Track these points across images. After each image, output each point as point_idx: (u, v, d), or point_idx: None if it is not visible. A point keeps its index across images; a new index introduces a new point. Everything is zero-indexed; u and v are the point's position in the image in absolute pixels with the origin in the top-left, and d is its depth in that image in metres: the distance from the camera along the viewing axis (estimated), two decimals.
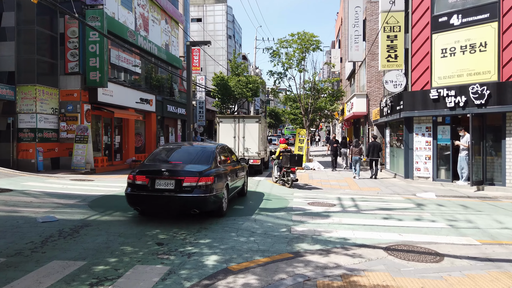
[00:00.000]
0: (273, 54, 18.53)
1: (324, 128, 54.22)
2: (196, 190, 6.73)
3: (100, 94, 16.48)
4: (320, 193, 11.32)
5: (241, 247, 5.61)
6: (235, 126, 15.75)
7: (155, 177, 6.83)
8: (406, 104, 13.33)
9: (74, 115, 15.81)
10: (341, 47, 36.22)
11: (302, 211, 8.45)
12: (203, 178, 6.80)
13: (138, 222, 7.05)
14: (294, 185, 12.43)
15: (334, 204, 9.35)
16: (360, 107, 21.84)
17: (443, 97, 12.40)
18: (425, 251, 5.64)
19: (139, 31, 20.57)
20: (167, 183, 6.78)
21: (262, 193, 11.01)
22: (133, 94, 19.51)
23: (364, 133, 22.25)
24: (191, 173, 6.85)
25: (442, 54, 12.66)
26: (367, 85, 21.93)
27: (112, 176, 14.78)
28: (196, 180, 6.74)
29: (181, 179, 6.75)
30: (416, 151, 13.47)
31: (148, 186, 6.82)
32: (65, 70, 15.88)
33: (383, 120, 16.70)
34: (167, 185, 6.78)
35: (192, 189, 6.72)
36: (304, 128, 19.01)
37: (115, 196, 9.92)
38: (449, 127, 12.81)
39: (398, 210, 8.81)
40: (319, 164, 18.38)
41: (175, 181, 6.75)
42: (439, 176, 13.11)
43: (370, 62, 21.85)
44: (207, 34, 46.09)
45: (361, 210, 8.75)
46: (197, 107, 30.39)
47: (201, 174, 6.85)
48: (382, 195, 11.16)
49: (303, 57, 17.99)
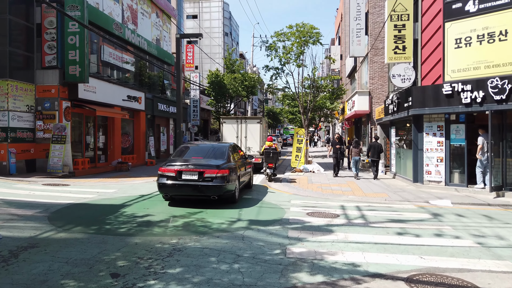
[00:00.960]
0: (269, 48, 17.22)
1: (323, 128, 52.97)
2: (215, 180, 8.32)
3: (81, 91, 15.16)
4: (321, 200, 10.02)
5: (221, 279, 4.30)
6: (238, 126, 16.56)
7: (181, 170, 8.47)
8: (415, 100, 12.05)
9: (51, 113, 14.48)
10: (341, 44, 34.98)
11: (300, 223, 7.16)
12: (220, 171, 8.40)
13: (98, 241, 5.73)
14: (274, 179, 13.83)
15: (337, 215, 8.05)
16: (362, 105, 20.56)
17: (457, 92, 11.12)
18: (460, 284, 4.35)
19: (126, 24, 19.25)
20: (191, 174, 8.41)
21: (256, 200, 9.71)
22: (120, 91, 18.19)
23: (366, 133, 20.96)
24: (211, 166, 8.48)
25: (456, 45, 11.38)
26: (370, 82, 20.65)
27: (92, 180, 13.46)
28: (215, 172, 8.33)
29: (203, 171, 8.36)
30: (426, 152, 12.19)
31: (176, 176, 8.42)
32: (42, 64, 14.55)
33: (388, 119, 15.42)
34: (191, 176, 8.41)
35: (212, 179, 8.31)
36: (302, 128, 17.70)
37: (85, 205, 8.60)
38: (464, 125, 11.53)
39: (412, 223, 7.52)
40: (319, 166, 17.10)
41: (198, 173, 8.37)
42: (452, 180, 11.82)
43: (372, 57, 20.56)
44: (203, 31, 44.78)
45: (370, 222, 7.45)
46: (191, 106, 29.08)
47: (219, 167, 8.47)
48: (391, 203, 9.87)
49: (302, 51, 16.70)
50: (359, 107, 20.62)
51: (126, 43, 18.91)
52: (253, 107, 67.16)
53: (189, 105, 29.21)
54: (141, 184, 12.47)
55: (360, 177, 14.90)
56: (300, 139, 17.51)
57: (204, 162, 8.77)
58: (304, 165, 16.84)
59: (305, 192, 11.37)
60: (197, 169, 8.43)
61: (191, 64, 29.27)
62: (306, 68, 17.28)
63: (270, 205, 9.09)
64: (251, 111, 65.05)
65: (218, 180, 8.34)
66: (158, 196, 9.98)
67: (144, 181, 13.35)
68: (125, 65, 19.77)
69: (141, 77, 21.71)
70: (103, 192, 10.55)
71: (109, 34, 17.36)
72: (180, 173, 8.44)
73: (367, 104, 20.58)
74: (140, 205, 8.79)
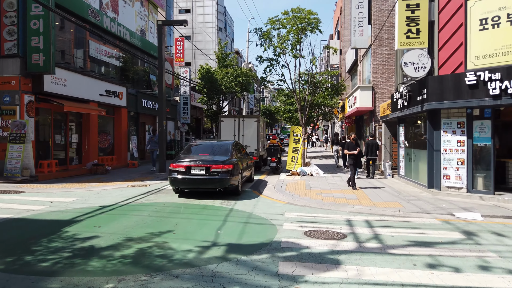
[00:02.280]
0: (263, 37, 15.38)
1: (321, 127, 51.15)
2: (220, 174, 9.19)
3: (48, 83, 13.29)
4: (322, 212, 8.22)
5: None
6: (235, 125, 16.65)
7: (190, 165, 9.34)
8: (431, 92, 10.26)
9: (11, 108, 12.60)
10: (341, 38, 33.24)
11: (295, 250, 5.35)
12: (225, 166, 9.29)
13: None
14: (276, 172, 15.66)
15: (344, 235, 6.24)
16: (365, 101, 18.78)
17: (483, 82, 9.34)
18: None
19: (105, 11, 17.38)
20: (199, 169, 9.27)
21: (243, 212, 7.90)
22: (96, 84, 16.32)
23: (370, 132, 19.18)
24: (216, 162, 9.37)
25: (481, 26, 9.61)
26: (373, 76, 18.88)
27: (55, 185, 11.60)
28: (220, 167, 9.22)
29: (209, 166, 9.24)
30: (444, 153, 10.42)
31: (186, 171, 9.29)
32: (0, 52, 12.67)
33: (395, 116, 13.64)
34: (199, 171, 9.27)
35: (217, 173, 9.18)
36: (299, 126, 15.89)
37: (22, 222, 6.76)
38: (490, 122, 9.76)
39: (443, 247, 5.72)
40: (318, 168, 15.29)
41: (205, 168, 9.24)
42: (475, 186, 10.05)
43: (376, 48, 18.80)
44: (196, 26, 42.93)
45: (387, 247, 5.65)
46: (180, 103, 27.20)
47: (224, 162, 9.37)
48: (406, 215, 8.07)
49: (298, 39, 14.86)
50: (362, 103, 18.84)
51: (104, 32, 17.05)
52: (249, 106, 65.46)
53: (179, 102, 27.34)
54: (110, 191, 10.63)
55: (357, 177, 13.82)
56: (296, 139, 15.70)
57: (210, 158, 9.74)
58: (301, 168, 15.04)
59: (302, 201, 9.56)
60: (204, 165, 9.37)
61: (181, 59, 27.41)
62: (303, 59, 15.47)
63: (258, 220, 7.27)
64: (247, 110, 63.24)
65: (223, 174, 9.28)
66: (122, 207, 8.16)
67: (115, 187, 11.51)
68: (103, 57, 17.91)
69: (123, 71, 19.84)
70: (57, 202, 8.70)
71: (84, 21, 15.51)
72: (189, 168, 9.38)
73: (370, 100, 18.80)
74: (93, 221, 6.95)
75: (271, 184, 12.70)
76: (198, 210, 8.06)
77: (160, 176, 14.40)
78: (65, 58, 14.93)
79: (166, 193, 10.39)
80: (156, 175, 14.69)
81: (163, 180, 13.23)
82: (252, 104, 65.26)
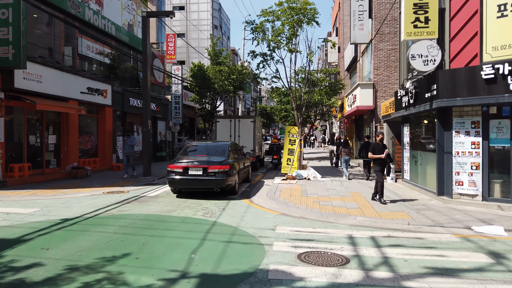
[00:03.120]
0: (255, 30, 14.23)
1: (319, 128, 50.03)
2: (217, 175, 9.49)
3: (19, 79, 12.10)
4: (319, 225, 7.09)
5: None
6: (231, 125, 16.54)
7: (188, 166, 9.65)
8: (442, 88, 9.15)
9: None
10: (339, 35, 32.17)
11: (286, 284, 4.21)
12: (222, 166, 9.58)
13: None
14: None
15: (346, 259, 5.11)
16: (366, 100, 17.69)
17: (502, 76, 8.24)
18: None
19: (87, 3, 16.19)
20: (197, 169, 9.60)
21: (227, 227, 6.76)
22: (77, 81, 15.14)
23: (370, 132, 18.08)
24: (213, 163, 9.67)
25: (500, 13, 8.50)
26: (374, 73, 17.79)
27: (25, 192, 10.42)
28: (217, 168, 9.52)
29: (206, 167, 9.55)
30: (456, 156, 9.31)
31: (183, 172, 9.60)
32: None
33: (399, 115, 12.53)
34: (197, 171, 9.59)
35: (214, 174, 9.49)
36: (296, 126, 14.75)
37: None
38: (509, 121, 8.65)
39: (469, 275, 4.59)
40: (316, 172, 14.15)
41: (203, 168, 9.56)
42: (492, 194, 8.94)
43: (378, 44, 17.71)
44: (190, 23, 41.77)
45: (401, 276, 4.52)
46: (172, 102, 26.01)
47: (221, 163, 9.66)
48: (417, 229, 6.95)
49: (294, 32, 13.71)
50: (362, 102, 17.75)
51: (86, 25, 15.89)
52: (246, 106, 64.26)
53: (170, 101, 26.16)
54: (81, 199, 9.45)
55: (352, 178, 14.21)
56: (292, 139, 14.57)
57: (207, 159, 9.90)
58: (297, 171, 13.90)
59: (297, 211, 8.42)
60: (201, 165, 9.57)
61: (172, 56, 26.20)
62: (300, 54, 14.33)
63: (244, 238, 6.13)
64: (244, 110, 62.02)
65: (220, 174, 9.46)
66: (86, 221, 7.01)
67: (90, 194, 10.34)
68: (87, 52, 16.73)
69: (109, 67, 18.66)
70: (14, 214, 7.54)
71: (63, 13, 14.34)
72: (187, 169, 9.58)
73: (371, 99, 17.71)
74: (44, 240, 5.78)
75: (265, 189, 11.57)
76: (175, 225, 6.91)
77: (144, 181, 13.24)
78: (40, 53, 13.74)
79: (144, 202, 9.23)
80: (139, 180, 13.52)
81: (146, 186, 12.08)
82: (249, 104, 64.16)
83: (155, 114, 23.08)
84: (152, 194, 10.42)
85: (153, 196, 10.18)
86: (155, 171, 16.21)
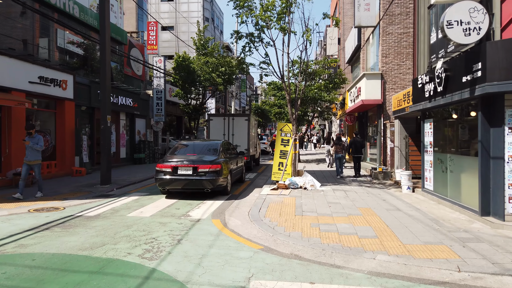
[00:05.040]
0: (240, 5, 11.53)
1: (317, 127, 47.34)
2: (208, 174, 9.12)
3: None
4: (319, 275, 4.44)
5: None
6: (225, 123, 16.05)
7: (177, 166, 9.25)
8: (491, 67, 6.52)
9: None
10: (339, 26, 29.52)
11: None
12: (213, 166, 9.21)
13: None
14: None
15: None
16: (372, 93, 15.06)
17: None
18: None
19: None
20: (186, 169, 9.19)
21: (169, 284, 4.09)
22: (25, 69, 12.45)
23: (378, 131, 15.45)
24: (204, 162, 9.30)
25: None
26: (382, 61, 15.15)
27: None
28: (208, 167, 9.15)
29: (196, 166, 9.16)
30: (510, 163, 6.69)
31: (172, 172, 9.20)
32: None
33: (419, 108, 9.92)
34: (186, 171, 9.19)
35: (205, 174, 9.12)
36: (290, 123, 12.07)
37: None
38: None
39: None
40: (313, 179, 11.50)
41: (192, 168, 9.16)
42: None
43: (386, 27, 15.08)
44: (180, 15, 39.08)
45: None
46: (154, 98, 23.31)
47: (212, 162, 9.29)
48: (478, 283, 4.31)
49: (289, 5, 11.04)
50: (368, 95, 15.12)
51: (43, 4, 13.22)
52: (241, 105, 61.56)
53: (152, 96, 23.47)
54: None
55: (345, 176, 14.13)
56: (285, 139, 11.92)
57: (197, 158, 9.55)
58: (291, 178, 11.25)
59: (287, 243, 5.77)
60: (191, 165, 9.20)
61: (154, 46, 23.51)
62: (294, 35, 11.68)
63: None
64: (239, 109, 59.35)
65: (211, 174, 9.12)
66: None
67: (9, 212, 7.64)
68: (39, 35, 14.03)
69: (72, 55, 15.98)
70: None
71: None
72: (176, 169, 9.21)
73: (379, 91, 15.08)
74: None
75: (248, 202, 8.93)
76: (81, 279, 4.21)
77: (98, 191, 10.56)
78: None
79: (69, 228, 6.54)
80: (93, 190, 10.82)
81: (96, 198, 9.41)
82: (244, 103, 61.50)
83: (132, 110, 20.39)
84: (92, 213, 7.73)
85: (92, 216, 7.49)
86: (121, 177, 13.55)
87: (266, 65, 11.82)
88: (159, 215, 7.60)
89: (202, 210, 8.23)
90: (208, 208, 8.46)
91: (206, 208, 8.46)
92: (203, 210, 8.17)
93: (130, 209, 8.25)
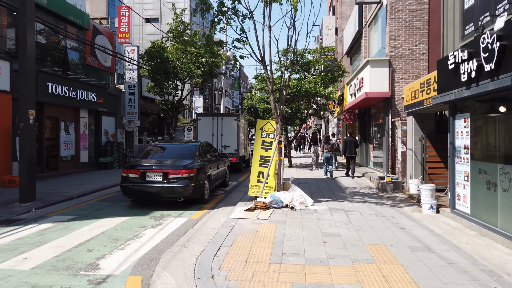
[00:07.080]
0: None
1: (313, 127, 44.54)
2: (180, 181, 8.05)
3: None
4: None
5: None
6: (214, 123, 15.53)
7: (145, 171, 8.16)
8: None
9: None
10: (337, 15, 26.88)
11: None
12: (187, 171, 8.11)
13: None
14: None
15: None
16: (378, 84, 12.25)
17: None
18: None
19: None
20: (156, 175, 8.13)
21: None
22: None
23: (386, 131, 12.63)
24: (176, 167, 8.22)
25: None
26: (391, 45, 12.35)
27: None
28: (180, 173, 8.06)
29: (167, 172, 8.09)
30: None
31: (140, 178, 8.13)
32: None
33: (450, 98, 7.14)
34: (156, 177, 8.11)
35: (177, 180, 8.05)
36: (272, 120, 9.21)
37: None
38: None
39: None
40: (304, 194, 8.66)
41: (163, 174, 8.10)
42: None
43: (396, 2, 12.28)
44: (165, 6, 36.24)
45: None
46: (126, 93, 20.43)
47: (186, 167, 8.20)
48: None
49: None
50: (373, 86, 12.30)
51: None
52: (235, 104, 58.68)
53: (124, 91, 20.59)
54: None
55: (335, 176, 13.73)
56: (267, 142, 9.06)
57: (170, 162, 8.61)
58: (273, 194, 8.39)
59: None
60: (161, 170, 8.18)
61: (126, 34, 20.63)
62: (280, 5, 8.83)
63: None
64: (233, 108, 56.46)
65: (184, 181, 8.09)
66: None
67: None
68: None
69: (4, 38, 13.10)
70: None
71: None
72: (144, 174, 8.18)
73: (386, 81, 12.27)
74: None
75: (204, 236, 6.08)
76: None
77: (7, 213, 7.68)
78: None
79: None
80: (3, 211, 7.93)
81: None
82: (237, 102, 58.66)
83: (97, 107, 17.48)
84: None
85: None
86: (61, 189, 10.69)
87: (241, 43, 8.96)
88: (47, 267, 4.75)
89: (128, 251, 5.38)
90: (140, 246, 5.61)
91: (138, 246, 5.61)
92: (129, 253, 5.32)
93: (15, 250, 5.39)
